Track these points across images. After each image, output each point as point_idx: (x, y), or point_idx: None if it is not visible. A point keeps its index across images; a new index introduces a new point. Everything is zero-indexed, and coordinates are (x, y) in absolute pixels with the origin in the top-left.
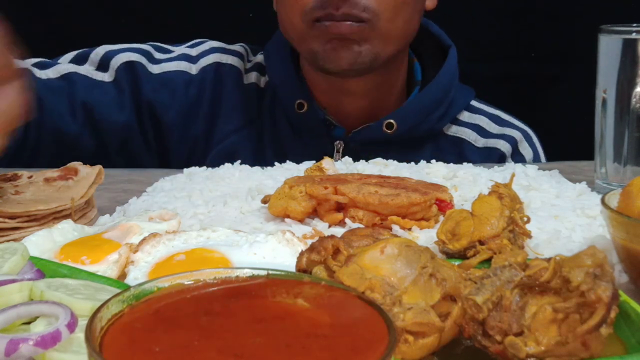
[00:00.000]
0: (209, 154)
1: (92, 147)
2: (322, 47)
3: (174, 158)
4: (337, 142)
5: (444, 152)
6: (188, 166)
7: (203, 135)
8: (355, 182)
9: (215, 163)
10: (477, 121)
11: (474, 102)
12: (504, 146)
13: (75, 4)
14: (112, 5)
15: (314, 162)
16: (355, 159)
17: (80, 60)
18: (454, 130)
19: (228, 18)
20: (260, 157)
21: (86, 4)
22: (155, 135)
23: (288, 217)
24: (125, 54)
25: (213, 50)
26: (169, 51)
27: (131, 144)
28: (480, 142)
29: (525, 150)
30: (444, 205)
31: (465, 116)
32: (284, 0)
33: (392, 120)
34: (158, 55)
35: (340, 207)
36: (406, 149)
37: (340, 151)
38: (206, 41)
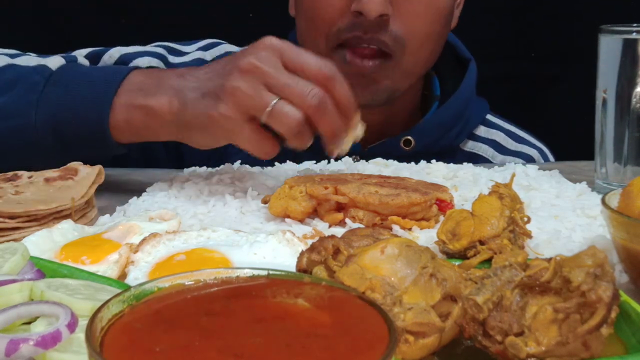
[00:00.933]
0: (225, 163)
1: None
2: None
3: (190, 165)
4: (354, 156)
5: None
6: None
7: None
8: (355, 182)
9: None
10: (494, 136)
11: (489, 116)
12: None
13: (74, 2)
14: (112, 4)
15: (313, 162)
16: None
17: (93, 60)
18: (471, 146)
19: (228, 18)
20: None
21: (85, 3)
22: (174, 146)
23: (288, 217)
24: (144, 59)
25: (227, 54)
26: (181, 53)
27: (152, 150)
28: (497, 158)
29: None
30: (444, 205)
31: (482, 131)
32: (308, 15)
33: (410, 137)
34: (172, 59)
35: (340, 207)
36: None
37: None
38: (220, 43)
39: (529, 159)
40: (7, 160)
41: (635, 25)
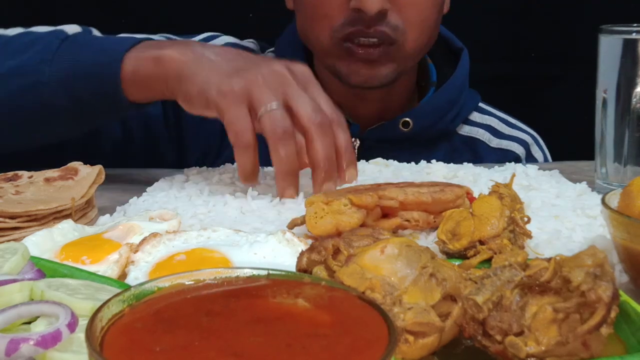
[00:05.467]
0: (224, 152)
1: (118, 138)
2: (346, 67)
3: (190, 155)
4: (353, 139)
5: (458, 151)
6: (202, 163)
7: (219, 134)
8: (392, 187)
9: (230, 160)
10: (488, 122)
11: (481, 104)
12: (519, 149)
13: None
14: (112, 4)
15: None
16: (371, 157)
17: None
18: (467, 130)
19: (228, 17)
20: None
21: (86, 2)
22: (176, 131)
23: (340, 233)
24: None
25: (228, 45)
26: None
27: (155, 138)
28: (493, 142)
29: (537, 153)
30: (470, 198)
31: (477, 117)
32: (309, 12)
33: (408, 119)
34: None
35: (385, 214)
36: (421, 147)
37: (356, 148)
38: (219, 36)
39: (524, 144)
40: (23, 125)
41: (635, 25)
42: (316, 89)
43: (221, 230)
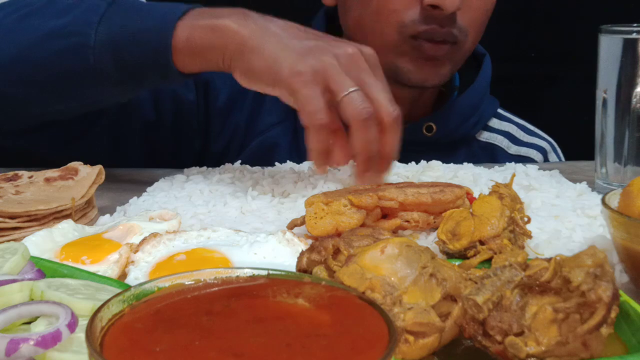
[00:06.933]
0: (248, 146)
1: (150, 119)
2: (408, 65)
3: (213, 145)
4: None
5: (477, 157)
6: (225, 155)
7: (244, 126)
8: (392, 187)
9: (254, 155)
10: (507, 128)
11: (500, 111)
12: (537, 156)
13: None
14: None
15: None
16: None
17: None
18: (486, 137)
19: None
20: (296, 152)
21: None
22: (204, 119)
23: (340, 233)
24: None
25: None
26: None
27: (184, 124)
28: (512, 148)
29: (554, 160)
30: (470, 198)
31: (495, 123)
32: (373, 6)
33: (432, 124)
34: None
35: (384, 214)
36: (441, 152)
37: None
38: None
39: (542, 151)
40: (64, 89)
41: (635, 25)
42: (382, 76)
43: (221, 230)
